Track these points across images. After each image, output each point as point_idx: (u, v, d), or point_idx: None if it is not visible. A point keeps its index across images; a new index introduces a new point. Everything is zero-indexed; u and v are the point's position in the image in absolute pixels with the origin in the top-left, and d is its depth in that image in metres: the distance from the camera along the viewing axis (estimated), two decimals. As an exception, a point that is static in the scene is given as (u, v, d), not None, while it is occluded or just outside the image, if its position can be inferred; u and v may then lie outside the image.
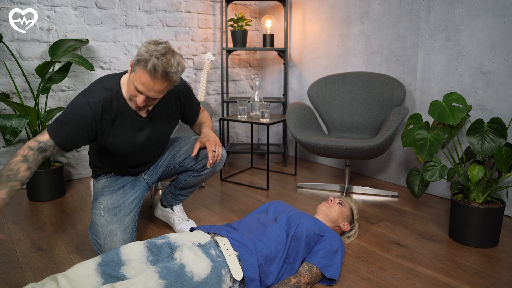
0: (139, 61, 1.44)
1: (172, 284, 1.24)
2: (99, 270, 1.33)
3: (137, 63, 1.45)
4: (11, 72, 2.60)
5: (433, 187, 2.62)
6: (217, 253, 1.40)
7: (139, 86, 1.47)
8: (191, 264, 1.31)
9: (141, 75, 1.44)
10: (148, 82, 1.45)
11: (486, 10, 2.22)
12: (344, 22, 3.05)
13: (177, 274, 1.26)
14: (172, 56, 1.47)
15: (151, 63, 1.41)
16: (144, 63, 1.43)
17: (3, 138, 2.10)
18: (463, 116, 1.83)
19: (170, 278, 1.25)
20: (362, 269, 1.70)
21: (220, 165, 1.92)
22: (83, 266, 1.34)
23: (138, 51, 1.47)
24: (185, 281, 1.26)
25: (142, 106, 1.52)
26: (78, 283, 1.28)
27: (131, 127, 1.66)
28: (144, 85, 1.46)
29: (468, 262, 1.76)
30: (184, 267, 1.29)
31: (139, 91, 1.48)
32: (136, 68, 1.46)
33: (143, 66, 1.43)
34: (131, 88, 1.50)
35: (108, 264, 1.34)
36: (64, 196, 2.57)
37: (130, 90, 1.51)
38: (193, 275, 1.29)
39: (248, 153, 3.63)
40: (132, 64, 1.50)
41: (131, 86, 1.50)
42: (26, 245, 1.90)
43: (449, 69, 2.43)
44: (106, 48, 2.94)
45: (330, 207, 1.82)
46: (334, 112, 2.82)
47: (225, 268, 1.37)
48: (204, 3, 3.41)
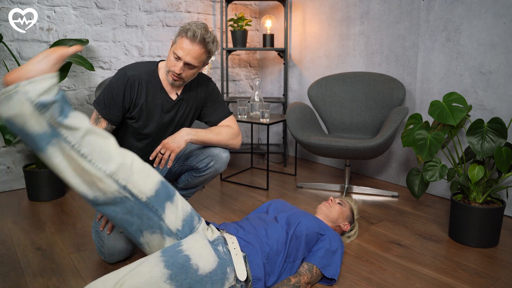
0: (180, 31, 1.67)
1: (176, 274, 1.26)
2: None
3: (178, 34, 1.68)
4: (11, 72, 2.60)
5: (433, 187, 2.62)
6: (224, 250, 1.41)
7: (179, 51, 1.66)
8: (197, 257, 1.33)
9: (182, 41, 1.66)
10: (187, 46, 1.65)
11: (486, 10, 2.22)
12: (344, 22, 3.05)
13: (182, 266, 1.28)
14: (209, 29, 1.70)
15: (191, 29, 1.64)
16: (184, 31, 1.66)
17: (3, 138, 2.10)
18: (463, 116, 1.83)
19: (175, 268, 1.27)
20: (362, 269, 1.70)
21: (222, 167, 1.92)
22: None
23: (178, 29, 1.71)
24: (189, 273, 1.28)
25: (179, 73, 1.69)
26: None
27: (160, 106, 1.80)
28: (183, 50, 1.65)
29: (468, 262, 1.76)
30: (190, 260, 1.31)
31: (179, 56, 1.66)
32: (177, 39, 1.68)
33: (183, 34, 1.66)
34: (170, 59, 1.69)
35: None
36: (64, 196, 2.57)
37: (170, 62, 1.70)
38: (198, 268, 1.30)
39: (248, 153, 3.63)
40: (172, 43, 1.72)
41: (171, 56, 1.69)
42: (26, 245, 1.90)
43: (449, 69, 2.43)
44: (106, 48, 2.94)
45: (330, 207, 1.82)
46: (334, 112, 2.82)
47: (230, 267, 1.38)
48: (204, 3, 3.41)
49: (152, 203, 1.36)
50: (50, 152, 1.23)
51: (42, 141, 1.20)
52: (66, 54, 1.22)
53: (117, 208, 1.33)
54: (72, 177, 1.28)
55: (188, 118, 1.92)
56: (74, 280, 1.60)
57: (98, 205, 1.33)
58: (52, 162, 1.25)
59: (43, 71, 1.18)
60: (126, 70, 1.76)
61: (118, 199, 1.31)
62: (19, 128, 1.18)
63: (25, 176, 2.49)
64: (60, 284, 1.57)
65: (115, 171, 1.28)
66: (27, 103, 1.14)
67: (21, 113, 1.15)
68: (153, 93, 1.78)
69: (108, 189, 1.29)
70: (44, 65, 1.19)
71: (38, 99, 1.15)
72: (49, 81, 1.18)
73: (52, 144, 1.22)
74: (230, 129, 1.91)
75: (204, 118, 1.97)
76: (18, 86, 1.13)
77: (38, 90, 1.15)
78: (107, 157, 1.28)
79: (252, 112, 2.87)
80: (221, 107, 1.96)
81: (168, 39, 3.24)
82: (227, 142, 1.88)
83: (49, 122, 1.19)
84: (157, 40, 3.18)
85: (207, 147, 1.88)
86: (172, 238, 1.41)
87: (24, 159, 2.72)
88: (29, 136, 1.19)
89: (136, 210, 1.35)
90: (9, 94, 1.14)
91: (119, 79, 1.73)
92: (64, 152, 1.24)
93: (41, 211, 2.32)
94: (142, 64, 1.81)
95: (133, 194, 1.32)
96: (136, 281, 1.21)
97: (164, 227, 1.39)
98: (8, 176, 2.68)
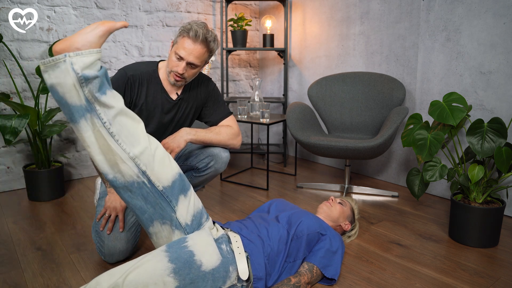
0: (181, 31, 1.66)
1: (180, 269, 1.27)
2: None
3: (179, 34, 1.68)
4: (11, 72, 2.60)
5: (433, 187, 2.62)
6: (227, 249, 1.42)
7: (181, 51, 1.66)
8: (201, 253, 1.34)
9: (184, 41, 1.66)
10: (189, 46, 1.65)
11: (486, 10, 2.22)
12: (344, 22, 3.05)
13: (186, 261, 1.30)
14: (209, 28, 1.71)
15: (193, 29, 1.64)
16: (186, 31, 1.65)
17: (3, 138, 2.10)
18: (463, 116, 1.83)
19: (179, 263, 1.28)
20: (362, 269, 1.70)
21: (222, 167, 1.92)
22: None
23: (179, 30, 1.70)
24: (192, 268, 1.29)
25: (182, 73, 1.69)
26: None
27: (160, 106, 1.80)
28: (185, 50, 1.65)
29: (468, 262, 1.76)
30: (194, 255, 1.32)
31: (181, 57, 1.66)
32: (178, 39, 1.68)
33: (185, 33, 1.65)
34: (172, 59, 1.69)
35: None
36: (64, 196, 2.57)
37: (172, 62, 1.70)
38: (202, 264, 1.32)
39: (248, 153, 3.63)
40: (172, 43, 1.72)
41: (172, 57, 1.69)
42: (26, 245, 1.90)
43: (449, 69, 2.43)
44: (106, 48, 2.94)
45: (331, 207, 1.82)
46: (334, 112, 2.82)
47: (233, 265, 1.39)
48: (204, 3, 3.41)
49: (167, 193, 1.38)
50: (82, 125, 1.27)
51: (77, 113, 1.25)
52: (113, 27, 1.27)
53: (133, 194, 1.36)
54: (97, 153, 1.32)
55: (188, 118, 1.92)
56: (74, 280, 1.60)
57: (116, 187, 1.36)
58: (82, 135, 1.29)
59: (90, 43, 1.23)
60: (126, 70, 1.76)
61: (135, 184, 1.34)
62: (59, 96, 1.24)
63: (25, 176, 2.49)
64: (60, 284, 1.57)
65: (138, 155, 1.32)
66: (72, 73, 1.19)
67: (65, 82, 1.20)
68: (153, 93, 1.78)
69: (128, 171, 1.32)
70: (92, 37, 1.24)
71: (82, 72, 1.20)
72: (95, 56, 1.23)
73: (85, 118, 1.26)
74: (230, 129, 1.90)
75: (204, 118, 1.97)
76: (66, 56, 1.19)
77: (84, 63, 1.20)
78: (134, 140, 1.32)
79: (252, 112, 2.87)
80: (221, 107, 1.95)
81: (168, 39, 3.24)
82: (227, 142, 1.88)
83: (87, 96, 1.23)
84: (157, 40, 3.18)
85: (207, 147, 1.88)
86: (180, 232, 1.42)
87: (24, 159, 2.72)
88: (67, 105, 1.24)
89: (151, 198, 1.37)
90: (57, 63, 1.19)
91: (119, 79, 1.73)
92: (95, 127, 1.28)
93: (41, 211, 2.32)
94: (142, 64, 1.81)
95: (150, 181, 1.35)
96: (141, 274, 1.23)
97: (174, 219, 1.40)
98: (8, 176, 2.68)
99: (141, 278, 1.22)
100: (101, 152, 1.31)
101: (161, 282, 1.24)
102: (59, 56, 1.19)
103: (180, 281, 1.26)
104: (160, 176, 1.37)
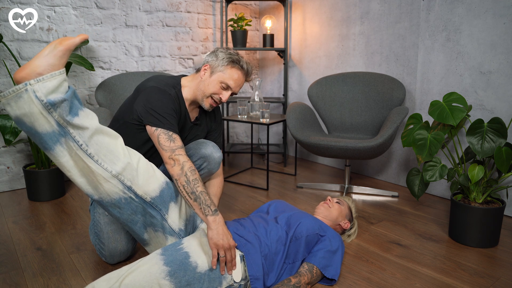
0: (228, 61, 1.63)
1: (175, 271, 1.27)
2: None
3: (226, 64, 1.64)
4: (11, 72, 2.60)
5: (433, 187, 2.62)
6: None
7: (230, 82, 1.66)
8: (197, 255, 1.33)
9: (233, 72, 1.65)
10: (240, 79, 1.68)
11: (486, 10, 2.22)
12: (344, 22, 3.05)
13: (181, 263, 1.29)
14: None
15: (244, 63, 1.67)
16: (236, 62, 1.65)
17: (3, 138, 2.10)
18: (463, 116, 1.83)
19: (174, 265, 1.28)
20: (362, 269, 1.70)
21: (216, 167, 1.87)
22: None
23: (216, 55, 1.66)
24: (188, 270, 1.29)
25: (224, 101, 1.70)
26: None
27: (181, 126, 1.76)
28: (235, 81, 1.67)
29: (468, 262, 1.76)
30: (189, 257, 1.32)
31: (229, 87, 1.66)
32: (226, 69, 1.65)
33: (235, 65, 1.65)
34: (217, 87, 1.66)
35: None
36: (64, 196, 2.57)
37: (215, 88, 1.66)
38: (197, 265, 1.31)
39: (248, 153, 3.63)
40: (211, 67, 1.66)
41: (217, 84, 1.65)
42: (26, 245, 1.90)
43: (449, 69, 2.43)
44: (106, 48, 2.94)
45: (329, 207, 1.82)
46: (334, 112, 2.82)
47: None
48: (204, 3, 3.41)
49: (156, 202, 1.36)
50: (58, 151, 1.23)
51: (50, 140, 1.20)
52: (72, 44, 1.20)
53: (122, 210, 1.34)
54: (78, 176, 1.29)
55: (194, 140, 1.88)
56: (74, 280, 1.60)
57: (104, 206, 1.34)
58: (59, 161, 1.25)
59: (52, 66, 1.16)
60: (165, 88, 1.61)
61: (123, 200, 1.32)
62: (28, 127, 1.17)
63: (25, 176, 2.49)
64: (60, 284, 1.57)
65: (121, 171, 1.29)
66: (36, 102, 1.12)
67: (30, 112, 1.14)
68: (179, 114, 1.69)
69: (113, 189, 1.29)
70: (52, 59, 1.16)
71: (47, 98, 1.13)
72: (58, 78, 1.16)
73: (60, 143, 1.22)
74: (221, 183, 1.90)
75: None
76: (27, 85, 1.12)
77: (47, 88, 1.13)
78: (113, 158, 1.28)
79: (252, 112, 2.87)
80: (218, 137, 1.97)
81: (168, 39, 3.23)
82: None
83: (58, 121, 1.17)
84: (157, 40, 3.18)
85: (199, 147, 1.83)
86: (174, 238, 1.42)
87: (24, 159, 2.72)
88: (38, 135, 1.19)
89: (140, 209, 1.36)
90: (18, 93, 1.12)
91: (169, 100, 1.59)
92: (71, 151, 1.24)
93: (41, 211, 2.32)
94: (165, 78, 1.69)
95: (137, 195, 1.33)
96: (136, 278, 1.23)
97: (166, 227, 1.39)
98: (8, 176, 2.68)
99: (137, 282, 1.21)
100: (82, 175, 1.28)
101: (157, 285, 1.24)
102: (19, 86, 1.12)
103: (176, 284, 1.26)
104: (146, 188, 1.34)
